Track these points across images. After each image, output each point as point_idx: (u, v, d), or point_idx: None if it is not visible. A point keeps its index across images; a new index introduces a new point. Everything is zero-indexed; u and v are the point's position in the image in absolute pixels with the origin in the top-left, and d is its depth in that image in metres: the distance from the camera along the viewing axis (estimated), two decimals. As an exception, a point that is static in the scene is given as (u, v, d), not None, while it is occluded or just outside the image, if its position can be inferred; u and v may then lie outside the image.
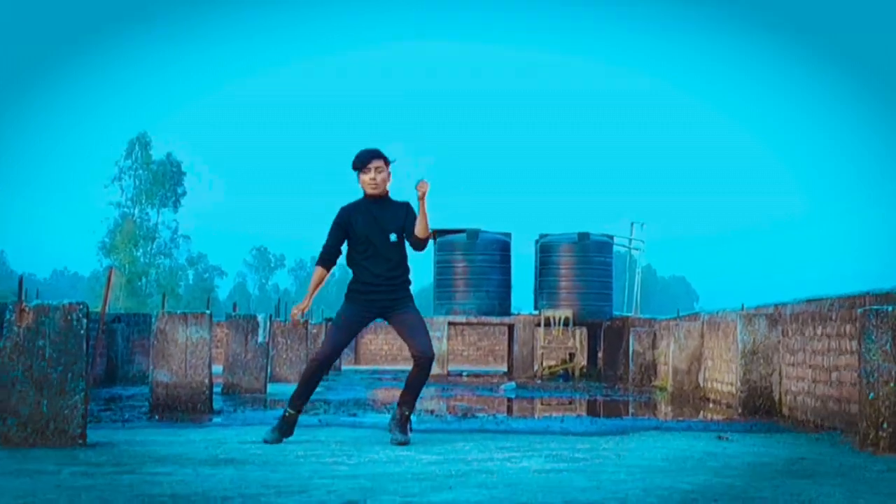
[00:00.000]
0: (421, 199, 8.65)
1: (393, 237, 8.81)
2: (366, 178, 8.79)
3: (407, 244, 8.97)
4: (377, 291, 8.83)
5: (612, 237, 31.33)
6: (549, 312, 29.07)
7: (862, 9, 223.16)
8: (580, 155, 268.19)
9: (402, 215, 8.87)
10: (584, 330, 29.90)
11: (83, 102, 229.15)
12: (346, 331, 8.94)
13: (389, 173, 8.88)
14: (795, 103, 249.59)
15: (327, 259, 8.99)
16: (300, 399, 8.87)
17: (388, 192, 8.94)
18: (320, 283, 9.01)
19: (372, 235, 8.80)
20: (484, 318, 29.85)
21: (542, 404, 17.29)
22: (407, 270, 8.99)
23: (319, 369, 8.87)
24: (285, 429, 8.79)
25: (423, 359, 8.74)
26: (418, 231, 8.72)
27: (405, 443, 8.66)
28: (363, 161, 8.78)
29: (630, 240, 33.68)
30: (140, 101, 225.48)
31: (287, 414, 8.82)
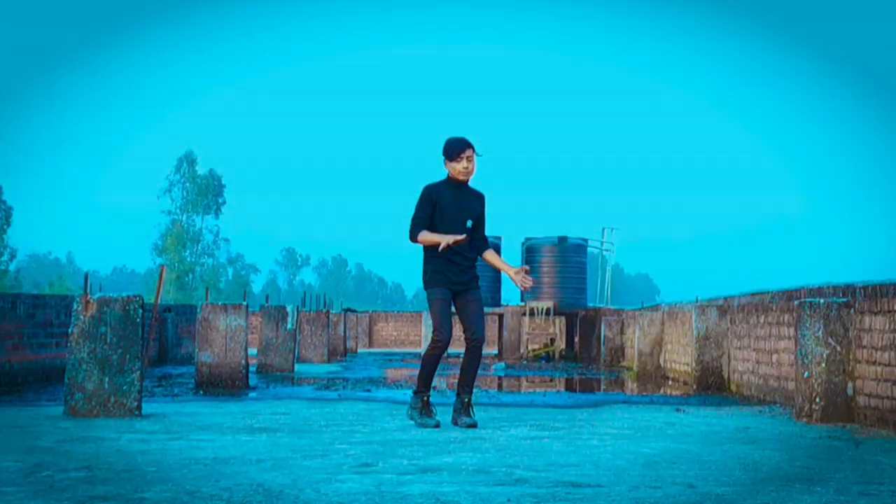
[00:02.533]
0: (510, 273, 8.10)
1: (469, 223, 8.02)
2: (458, 166, 7.93)
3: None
4: (454, 272, 7.96)
5: (586, 240, 31.32)
6: (533, 304, 29.07)
7: (862, 9, 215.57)
8: (563, 162, 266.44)
9: (479, 206, 8.13)
10: (563, 319, 29.88)
11: (136, 120, 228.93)
12: (448, 311, 7.96)
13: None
14: (783, 101, 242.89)
15: (425, 226, 7.98)
16: (427, 382, 7.95)
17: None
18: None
19: (452, 218, 7.97)
20: (478, 309, 29.80)
21: (527, 382, 17.29)
22: (476, 257, 8.16)
23: (441, 355, 7.90)
24: (431, 410, 7.92)
25: (474, 341, 7.91)
26: (485, 254, 8.17)
27: (473, 425, 7.77)
28: (458, 150, 7.94)
29: (602, 242, 33.63)
30: (186, 116, 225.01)
31: (424, 398, 7.90)
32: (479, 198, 8.17)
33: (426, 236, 7.92)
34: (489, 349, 39.20)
